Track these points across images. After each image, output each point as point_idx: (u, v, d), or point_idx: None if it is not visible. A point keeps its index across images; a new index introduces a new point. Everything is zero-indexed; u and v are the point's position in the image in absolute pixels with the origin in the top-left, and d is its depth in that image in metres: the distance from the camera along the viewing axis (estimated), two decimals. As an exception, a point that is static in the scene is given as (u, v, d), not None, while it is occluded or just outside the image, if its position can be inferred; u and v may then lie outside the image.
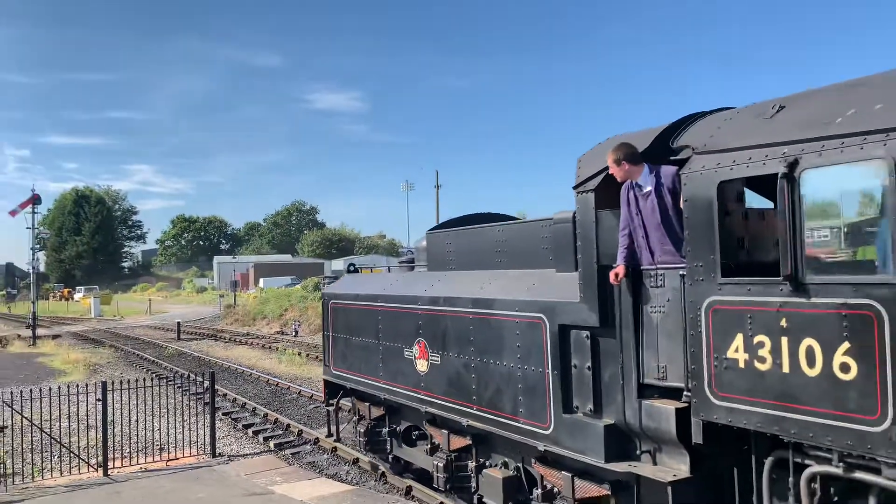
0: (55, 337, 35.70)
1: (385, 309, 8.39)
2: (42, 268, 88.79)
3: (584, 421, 5.63)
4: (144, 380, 12.25)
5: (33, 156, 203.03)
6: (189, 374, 14.44)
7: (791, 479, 4.39)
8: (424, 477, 8.71)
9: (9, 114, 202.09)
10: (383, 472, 9.29)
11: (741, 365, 4.39)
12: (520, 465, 6.72)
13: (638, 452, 5.37)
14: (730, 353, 4.46)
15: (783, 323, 4.15)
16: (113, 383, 11.21)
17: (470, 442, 7.32)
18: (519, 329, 6.26)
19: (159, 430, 12.11)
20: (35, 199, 35.98)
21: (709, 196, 4.56)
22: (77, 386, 11.67)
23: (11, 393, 11.19)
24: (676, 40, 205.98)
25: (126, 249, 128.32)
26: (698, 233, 4.66)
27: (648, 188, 5.21)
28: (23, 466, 10.29)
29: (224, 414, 14.21)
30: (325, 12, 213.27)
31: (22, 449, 10.60)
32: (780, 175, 4.09)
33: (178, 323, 36.58)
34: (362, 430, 9.31)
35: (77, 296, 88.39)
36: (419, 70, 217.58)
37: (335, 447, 10.80)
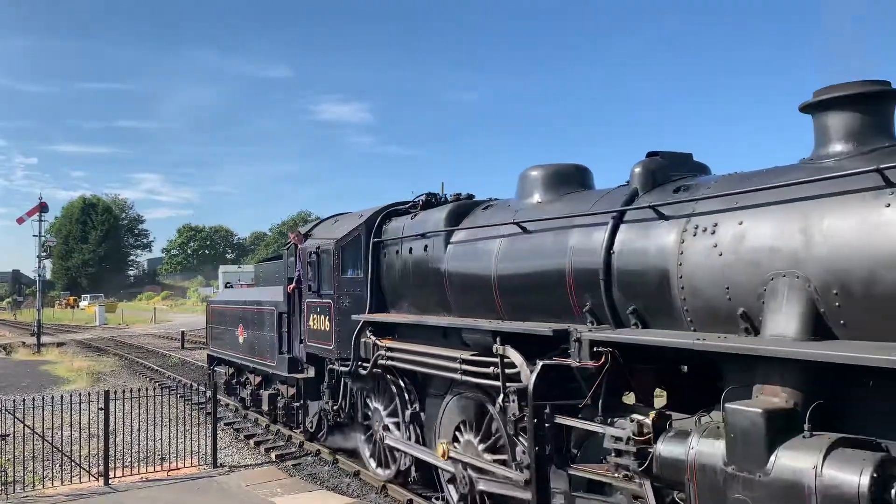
0: (60, 345, 38.26)
1: (229, 308, 15.95)
2: (48, 275, 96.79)
3: (284, 356, 13.02)
4: (147, 389, 13.31)
5: (41, 164, 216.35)
6: (192, 384, 15.98)
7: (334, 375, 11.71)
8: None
9: (18, 122, 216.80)
10: (384, 485, 10.53)
11: (313, 327, 11.74)
12: (278, 387, 14.10)
13: (300, 369, 12.74)
14: (310, 323, 11.81)
15: (318, 309, 11.49)
16: (115, 392, 11.81)
17: (261, 378, 14.78)
18: (268, 315, 13.68)
19: (161, 439, 12.74)
20: (42, 207, 38.57)
21: (306, 257, 11.92)
22: (80, 395, 12.11)
23: (14, 401, 11.94)
24: (685, 54, 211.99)
25: (132, 258, 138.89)
26: (304, 273, 12.03)
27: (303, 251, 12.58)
28: (24, 475, 10.84)
29: (226, 424, 15.32)
30: (335, 25, 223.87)
31: (24, 457, 11.16)
32: (312, 252, 11.46)
33: (183, 332, 38.44)
34: (223, 382, 16.82)
35: (82, 303, 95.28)
36: (426, 82, 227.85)
37: (336, 459, 12.12)
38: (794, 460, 4.55)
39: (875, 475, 4.18)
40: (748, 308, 5.49)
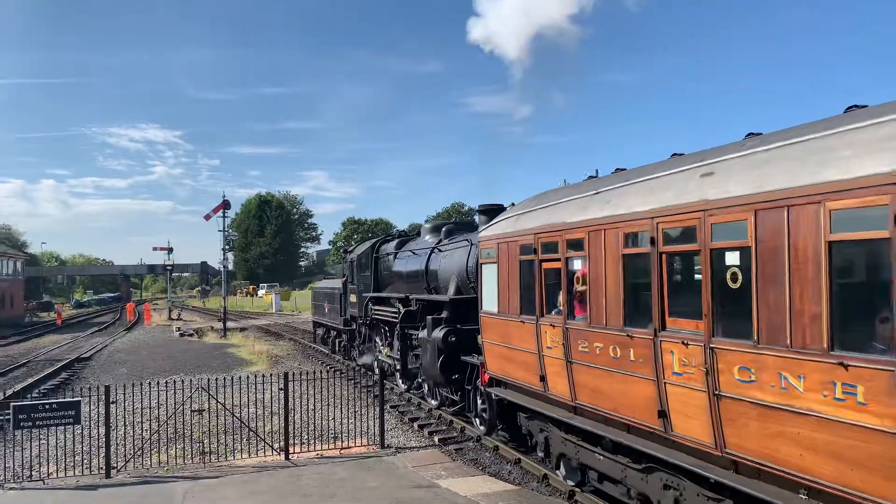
0: (242, 330, 43.61)
1: (321, 291, 28.57)
2: (231, 266, 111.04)
3: (342, 318, 25.07)
4: (320, 372, 14.64)
5: (222, 165, 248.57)
6: (360, 368, 19.51)
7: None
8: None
9: (203, 128, 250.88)
10: (545, 474, 11.11)
11: (351, 301, 23.53)
12: (342, 336, 26.05)
13: (349, 325, 24.62)
14: (350, 299, 23.61)
15: (352, 291, 23.25)
16: (293, 375, 13.06)
17: (335, 332, 26.95)
18: (337, 295, 25.86)
19: (333, 419, 13.92)
20: (226, 205, 43.36)
21: (347, 264, 23.72)
22: (262, 376, 13.88)
23: (208, 380, 13.77)
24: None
25: (303, 250, 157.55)
26: (349, 272, 23.81)
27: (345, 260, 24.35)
28: (217, 446, 12.50)
29: (392, 407, 16.92)
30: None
31: (217, 431, 12.92)
32: (349, 261, 23.26)
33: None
34: (320, 337, 29.16)
35: (260, 292, 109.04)
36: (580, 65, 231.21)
37: (497, 446, 12.97)
38: (433, 332, 15.55)
39: (442, 335, 15.17)
40: (449, 285, 16.48)
